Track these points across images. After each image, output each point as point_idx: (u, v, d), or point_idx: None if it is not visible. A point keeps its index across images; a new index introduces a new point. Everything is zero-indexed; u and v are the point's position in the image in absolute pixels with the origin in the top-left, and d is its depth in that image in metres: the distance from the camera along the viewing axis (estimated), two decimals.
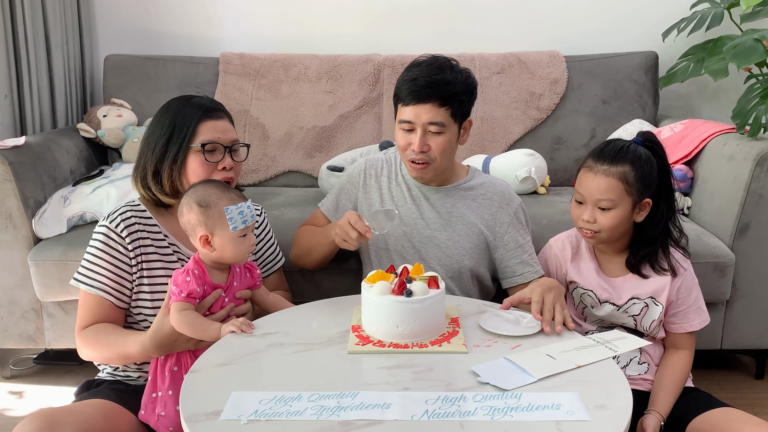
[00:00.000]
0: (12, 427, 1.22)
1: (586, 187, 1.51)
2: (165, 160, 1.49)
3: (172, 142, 1.49)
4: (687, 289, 1.56)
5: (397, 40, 2.91)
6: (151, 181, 1.50)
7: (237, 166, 1.54)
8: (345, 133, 2.73)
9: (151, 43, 2.91)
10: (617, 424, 1.03)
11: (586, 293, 1.60)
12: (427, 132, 1.58)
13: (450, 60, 1.62)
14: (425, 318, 1.28)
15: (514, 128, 2.72)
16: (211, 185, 1.39)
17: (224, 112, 1.56)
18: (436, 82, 1.56)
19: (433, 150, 1.60)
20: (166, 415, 1.33)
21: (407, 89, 1.58)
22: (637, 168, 1.48)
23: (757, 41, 2.20)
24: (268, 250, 1.70)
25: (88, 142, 2.54)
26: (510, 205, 1.71)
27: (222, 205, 1.34)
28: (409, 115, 1.58)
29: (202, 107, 1.52)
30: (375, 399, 1.08)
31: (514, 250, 1.68)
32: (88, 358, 1.49)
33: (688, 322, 1.57)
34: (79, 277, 1.47)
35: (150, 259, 1.48)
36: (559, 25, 2.92)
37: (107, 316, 1.47)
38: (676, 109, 2.95)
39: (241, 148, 1.57)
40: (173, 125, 1.49)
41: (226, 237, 1.34)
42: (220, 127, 1.52)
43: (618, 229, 1.51)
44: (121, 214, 1.48)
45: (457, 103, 1.58)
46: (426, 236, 1.69)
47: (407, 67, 1.63)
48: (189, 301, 1.31)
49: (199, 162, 1.48)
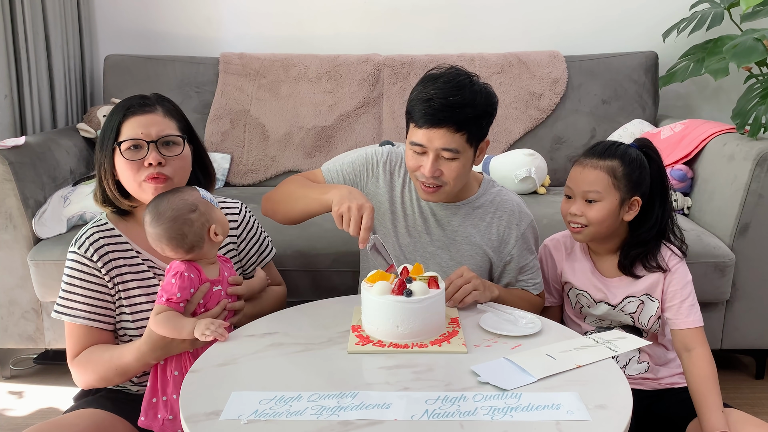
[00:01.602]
0: (12, 427, 1.22)
1: (574, 180, 1.53)
2: (100, 162, 1.43)
3: (103, 146, 1.41)
4: (680, 281, 1.53)
5: (397, 40, 2.91)
6: (98, 189, 1.45)
7: (174, 160, 1.40)
8: (345, 133, 2.73)
9: (151, 43, 2.91)
10: (617, 424, 1.03)
11: (581, 293, 1.61)
12: (440, 157, 1.45)
13: (470, 76, 1.47)
14: (425, 318, 1.28)
15: (514, 128, 2.72)
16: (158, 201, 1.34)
17: (160, 105, 1.43)
18: (452, 105, 1.41)
19: (446, 175, 1.47)
20: (174, 418, 1.31)
21: (421, 110, 1.43)
22: (625, 164, 1.49)
23: (758, 41, 2.20)
24: (252, 248, 1.60)
25: (88, 142, 2.54)
26: (519, 226, 1.60)
27: (195, 195, 1.35)
28: (421, 138, 1.44)
29: (129, 103, 1.42)
30: (375, 399, 1.08)
31: (515, 270, 1.62)
32: (87, 385, 1.42)
33: (685, 317, 1.52)
34: (60, 309, 1.41)
35: (125, 279, 1.42)
36: (559, 25, 2.92)
37: (96, 341, 1.41)
38: (676, 109, 2.95)
39: (178, 142, 1.42)
40: (104, 128, 1.43)
41: (218, 215, 1.37)
42: (143, 122, 1.39)
43: (604, 224, 1.51)
44: (89, 237, 1.41)
45: (475, 127, 1.45)
46: (429, 252, 1.62)
47: (422, 80, 1.48)
48: (170, 305, 1.29)
49: (123, 162, 1.38)
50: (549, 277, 1.68)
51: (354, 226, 1.37)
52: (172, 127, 1.43)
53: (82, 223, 2.11)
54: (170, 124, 1.43)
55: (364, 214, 1.37)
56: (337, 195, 1.42)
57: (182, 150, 1.43)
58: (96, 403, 1.42)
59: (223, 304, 1.37)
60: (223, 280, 1.39)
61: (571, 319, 1.68)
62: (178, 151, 1.42)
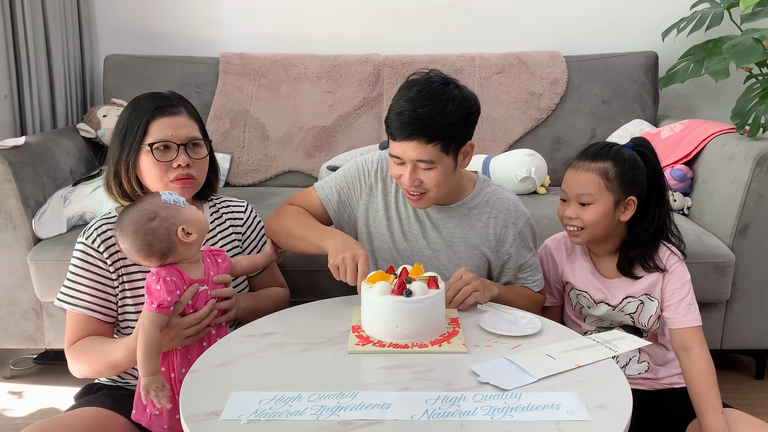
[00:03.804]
0: (12, 427, 1.23)
1: (567, 183, 1.54)
2: (121, 160, 1.45)
3: (126, 141, 1.44)
4: (679, 280, 1.53)
5: (397, 40, 2.91)
6: (112, 182, 1.47)
7: (198, 163, 1.47)
8: (345, 133, 2.73)
9: (151, 43, 2.91)
10: (617, 424, 1.03)
11: (581, 294, 1.61)
12: (417, 167, 1.45)
13: (445, 83, 1.45)
14: (425, 318, 1.28)
15: (514, 128, 2.72)
16: (121, 216, 1.34)
17: (183, 107, 1.49)
18: (421, 117, 1.40)
19: (426, 183, 1.47)
20: (161, 413, 1.32)
21: (394, 123, 1.44)
22: (618, 165, 1.49)
23: (757, 41, 2.20)
24: (255, 247, 1.65)
25: (88, 142, 2.54)
26: (515, 225, 1.60)
27: (155, 202, 1.32)
28: (396, 150, 1.45)
29: (156, 103, 1.45)
30: (375, 399, 1.08)
31: (513, 269, 1.62)
32: (80, 374, 1.45)
33: (683, 316, 1.51)
34: (63, 297, 1.45)
35: (131, 272, 1.46)
36: (559, 25, 2.92)
37: (94, 332, 1.44)
38: (676, 109, 2.95)
39: (201, 144, 1.49)
40: (127, 123, 1.45)
41: (186, 214, 1.33)
42: (173, 124, 1.44)
43: (600, 226, 1.51)
44: (97, 229, 1.45)
45: (448, 136, 1.43)
46: (427, 256, 1.61)
47: (400, 89, 1.48)
48: (161, 311, 1.28)
49: (151, 161, 1.43)
50: (550, 277, 1.68)
51: (351, 275, 1.40)
52: (196, 129, 1.49)
53: (82, 223, 2.11)
54: (195, 126, 1.49)
55: (359, 262, 1.40)
56: (332, 246, 1.45)
57: (206, 152, 1.50)
58: (97, 401, 1.43)
59: (211, 305, 1.37)
60: (208, 279, 1.38)
61: (571, 319, 1.68)
62: (203, 153, 1.49)
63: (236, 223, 1.62)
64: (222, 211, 1.61)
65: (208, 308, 1.36)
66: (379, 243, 1.64)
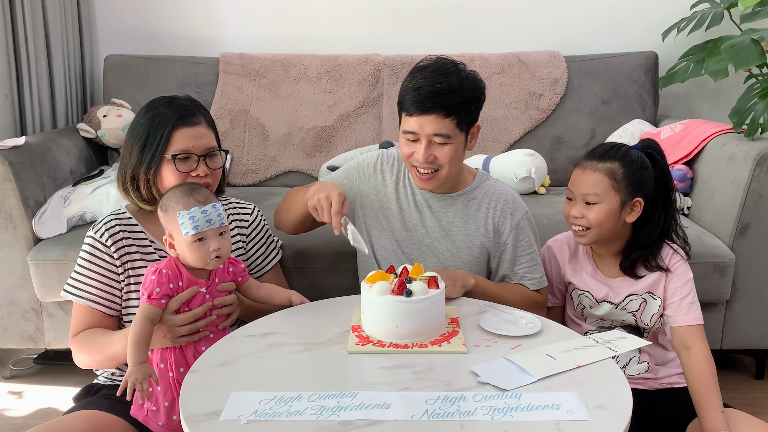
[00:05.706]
0: (12, 427, 1.23)
1: (574, 183, 1.54)
2: (141, 166, 1.47)
3: (147, 149, 1.46)
4: (681, 278, 1.53)
5: (397, 40, 2.91)
6: (129, 186, 1.50)
7: (214, 172, 1.52)
8: (345, 133, 2.73)
9: (151, 43, 2.91)
10: (617, 424, 1.03)
11: (584, 294, 1.61)
12: (432, 143, 1.50)
13: (456, 64, 1.53)
14: (425, 318, 1.28)
15: (514, 128, 2.72)
16: (177, 188, 1.38)
17: (203, 116, 1.52)
18: (440, 91, 1.46)
19: (440, 159, 1.52)
20: (157, 409, 1.33)
21: (411, 99, 1.49)
22: (625, 166, 1.49)
23: (755, 42, 2.19)
24: (259, 249, 1.66)
25: (88, 142, 2.54)
26: (513, 216, 1.62)
27: (176, 209, 1.33)
28: (413, 125, 1.50)
29: (178, 113, 1.48)
30: (375, 399, 1.08)
31: (509, 261, 1.63)
32: (83, 365, 1.51)
33: (684, 314, 1.51)
34: (69, 288, 1.49)
35: (137, 266, 1.49)
36: (559, 25, 2.92)
37: (98, 324, 1.49)
38: (676, 109, 2.95)
39: (217, 154, 1.53)
40: (148, 131, 1.47)
41: (181, 242, 1.34)
42: (194, 135, 1.48)
43: (605, 226, 1.51)
44: (106, 224, 1.49)
45: (463, 111, 1.50)
46: (425, 245, 1.64)
47: (411, 72, 1.54)
48: (151, 303, 1.30)
49: (171, 171, 1.46)
50: (552, 277, 1.68)
51: (326, 213, 1.46)
52: (213, 138, 1.53)
53: (82, 224, 2.12)
54: (212, 135, 1.53)
55: (333, 201, 1.45)
56: (311, 191, 1.52)
57: (222, 162, 1.54)
58: (94, 404, 1.44)
59: (206, 306, 1.37)
60: (212, 284, 1.39)
61: (572, 319, 1.68)
62: (219, 163, 1.53)
63: (241, 224, 1.64)
64: (228, 212, 1.62)
65: (203, 309, 1.36)
66: (379, 233, 1.66)
